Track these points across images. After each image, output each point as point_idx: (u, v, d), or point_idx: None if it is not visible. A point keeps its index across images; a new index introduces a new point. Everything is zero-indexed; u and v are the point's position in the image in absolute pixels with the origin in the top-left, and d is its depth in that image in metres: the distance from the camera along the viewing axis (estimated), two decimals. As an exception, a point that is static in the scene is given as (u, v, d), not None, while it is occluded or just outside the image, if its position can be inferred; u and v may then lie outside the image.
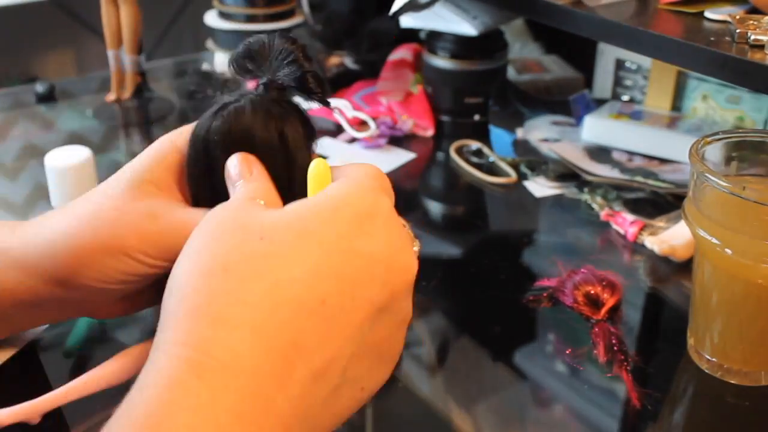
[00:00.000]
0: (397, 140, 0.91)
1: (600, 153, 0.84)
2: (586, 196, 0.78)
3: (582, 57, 1.01)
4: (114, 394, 0.40)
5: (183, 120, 0.98)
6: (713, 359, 0.54)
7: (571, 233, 0.74)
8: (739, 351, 0.53)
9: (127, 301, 0.45)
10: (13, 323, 0.46)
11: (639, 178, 0.79)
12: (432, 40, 0.92)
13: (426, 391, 0.54)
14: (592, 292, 0.59)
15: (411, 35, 1.03)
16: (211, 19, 1.08)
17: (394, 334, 0.35)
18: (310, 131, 0.44)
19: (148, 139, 0.94)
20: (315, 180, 0.38)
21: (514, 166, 0.84)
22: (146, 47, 1.10)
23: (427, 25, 0.91)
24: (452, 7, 0.88)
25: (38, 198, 0.78)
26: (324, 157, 0.39)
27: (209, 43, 1.10)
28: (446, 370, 0.56)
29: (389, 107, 0.94)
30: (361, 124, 0.92)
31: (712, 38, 0.60)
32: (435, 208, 0.82)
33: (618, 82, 0.96)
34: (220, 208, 0.36)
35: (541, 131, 0.89)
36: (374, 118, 0.92)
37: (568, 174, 0.82)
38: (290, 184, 0.42)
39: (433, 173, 0.88)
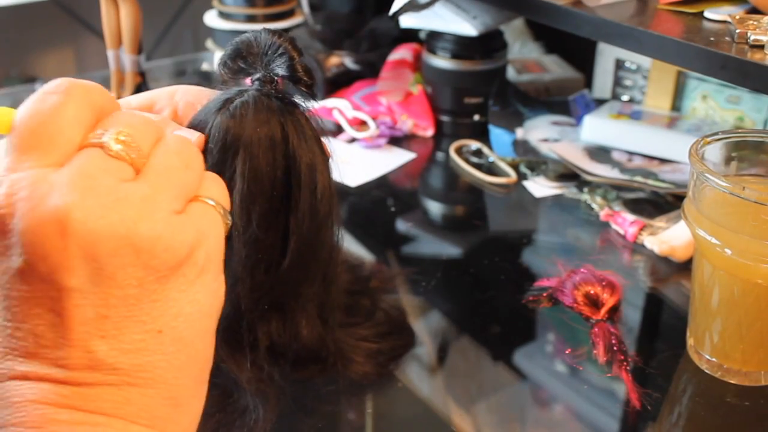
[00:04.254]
0: (397, 140, 0.91)
1: (600, 153, 0.84)
2: (586, 196, 0.78)
3: (582, 57, 1.01)
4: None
5: (183, 120, 0.98)
6: (713, 359, 0.54)
7: (571, 233, 0.74)
8: (739, 351, 0.53)
9: None
10: None
11: (639, 178, 0.79)
12: (432, 40, 0.92)
13: (426, 391, 0.54)
14: (592, 292, 0.59)
15: (411, 35, 1.03)
16: (211, 19, 1.08)
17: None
18: (312, 124, 0.44)
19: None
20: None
21: (514, 166, 0.84)
22: (146, 47, 1.10)
23: (427, 25, 0.91)
24: (452, 7, 0.88)
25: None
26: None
27: (209, 43, 1.10)
28: (446, 370, 0.56)
29: (389, 107, 0.94)
30: (361, 124, 0.92)
31: (711, 38, 0.60)
32: (435, 208, 0.82)
33: (618, 82, 0.96)
34: None
35: (540, 131, 0.89)
36: (374, 118, 0.92)
37: (567, 174, 0.82)
38: (291, 180, 0.42)
39: (433, 173, 0.88)
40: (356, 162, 0.86)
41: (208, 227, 0.34)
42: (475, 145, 0.89)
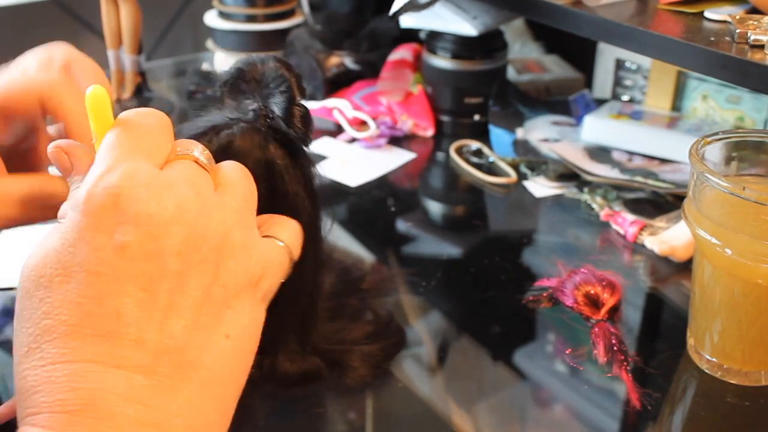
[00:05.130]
0: (397, 140, 0.91)
1: (600, 153, 0.84)
2: (586, 196, 0.78)
3: (582, 57, 1.01)
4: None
5: (183, 119, 0.98)
6: (713, 359, 0.54)
7: (571, 233, 0.74)
8: (739, 351, 0.53)
9: None
10: None
11: (639, 178, 0.79)
12: (432, 40, 0.92)
13: (426, 391, 0.54)
14: (592, 292, 0.59)
15: (411, 35, 1.03)
16: (211, 19, 1.08)
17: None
18: (303, 161, 0.42)
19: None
20: (94, 114, 0.35)
21: (514, 166, 0.84)
22: (146, 47, 1.10)
23: (427, 25, 0.91)
24: (452, 7, 0.88)
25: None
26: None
27: (209, 43, 1.10)
28: (446, 370, 0.56)
29: (389, 107, 0.94)
30: (361, 124, 0.92)
31: (712, 38, 0.60)
32: (435, 208, 0.82)
33: (618, 82, 0.96)
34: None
35: (541, 131, 0.89)
36: (374, 118, 0.92)
37: (568, 174, 0.82)
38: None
39: (433, 173, 0.88)
40: (356, 162, 0.86)
41: (277, 262, 0.37)
42: (475, 145, 0.89)
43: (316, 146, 0.89)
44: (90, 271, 0.30)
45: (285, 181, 0.42)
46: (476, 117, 0.92)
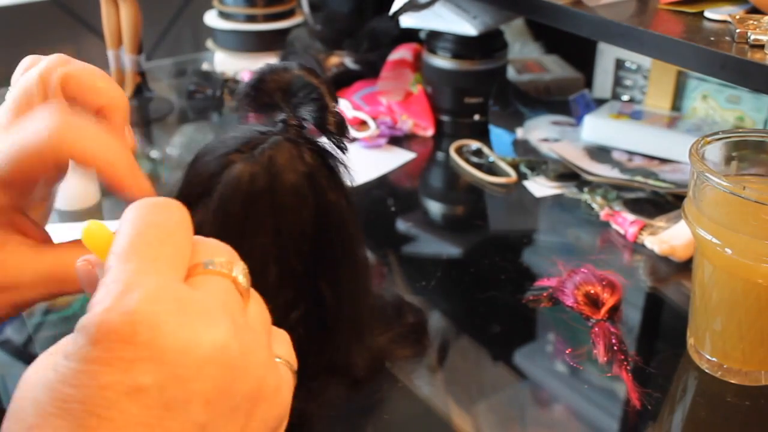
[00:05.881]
0: (397, 140, 0.91)
1: (600, 153, 0.84)
2: (586, 196, 0.78)
3: (582, 57, 1.01)
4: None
5: (183, 119, 0.98)
6: (713, 359, 0.54)
7: (571, 233, 0.74)
8: (739, 351, 0.53)
9: None
10: None
11: (639, 178, 0.79)
12: (432, 40, 0.92)
13: (426, 391, 0.54)
14: (592, 291, 0.59)
15: (411, 35, 1.03)
16: (211, 19, 1.08)
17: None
18: (338, 170, 0.41)
19: (149, 138, 0.94)
20: (96, 251, 0.30)
21: (514, 166, 0.84)
22: (146, 47, 1.10)
23: (427, 25, 0.91)
24: (452, 7, 0.88)
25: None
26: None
27: (209, 43, 1.10)
28: (446, 370, 0.56)
29: (389, 107, 0.94)
30: (361, 124, 0.92)
31: (712, 38, 0.60)
32: (435, 208, 0.82)
33: (618, 82, 0.96)
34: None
35: (541, 131, 0.89)
36: (374, 118, 0.92)
37: (568, 174, 0.82)
38: (321, 234, 0.39)
39: (433, 173, 0.88)
40: (356, 162, 0.86)
41: (289, 389, 0.31)
42: (475, 144, 0.89)
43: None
44: (91, 412, 0.24)
45: (326, 191, 0.41)
46: (476, 117, 0.92)
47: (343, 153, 0.41)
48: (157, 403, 0.25)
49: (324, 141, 0.41)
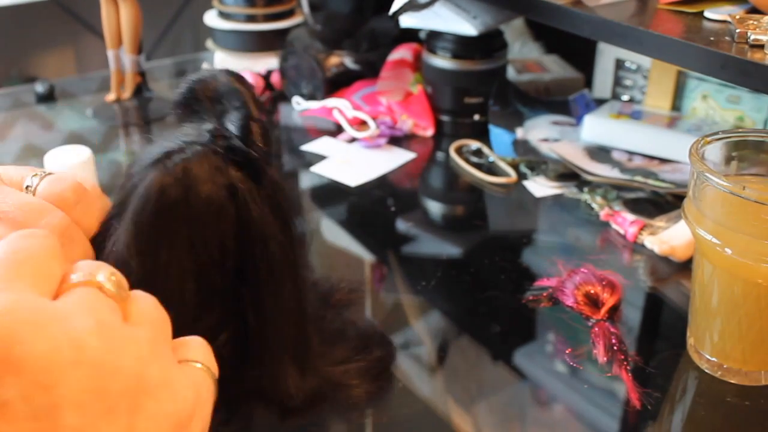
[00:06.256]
0: (397, 140, 0.91)
1: (600, 153, 0.84)
2: (586, 196, 0.78)
3: (582, 57, 1.01)
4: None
5: (183, 120, 0.98)
6: (713, 359, 0.54)
7: (571, 233, 0.74)
8: (739, 351, 0.53)
9: None
10: None
11: (639, 178, 0.79)
12: (432, 40, 0.92)
13: (426, 391, 0.54)
14: (592, 291, 0.59)
15: (411, 35, 1.03)
16: (211, 19, 1.08)
17: None
18: (267, 182, 0.39)
19: (148, 138, 0.94)
20: None
21: (514, 166, 0.84)
22: (146, 47, 1.10)
23: (427, 25, 0.91)
24: (452, 7, 0.88)
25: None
26: None
27: (209, 43, 1.10)
28: (446, 370, 0.56)
29: (389, 107, 0.94)
30: (361, 124, 0.92)
31: (712, 38, 0.60)
32: (435, 208, 0.82)
33: (618, 81, 0.96)
34: None
35: (541, 131, 0.89)
36: (374, 118, 0.92)
37: (568, 174, 0.82)
38: (245, 247, 0.37)
39: (433, 173, 0.88)
40: (356, 162, 0.86)
41: (206, 390, 0.31)
42: (475, 144, 0.89)
43: (313, 147, 0.89)
44: None
45: (249, 206, 0.38)
46: (476, 117, 0.92)
47: (269, 165, 0.39)
48: (25, 415, 0.24)
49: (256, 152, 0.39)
